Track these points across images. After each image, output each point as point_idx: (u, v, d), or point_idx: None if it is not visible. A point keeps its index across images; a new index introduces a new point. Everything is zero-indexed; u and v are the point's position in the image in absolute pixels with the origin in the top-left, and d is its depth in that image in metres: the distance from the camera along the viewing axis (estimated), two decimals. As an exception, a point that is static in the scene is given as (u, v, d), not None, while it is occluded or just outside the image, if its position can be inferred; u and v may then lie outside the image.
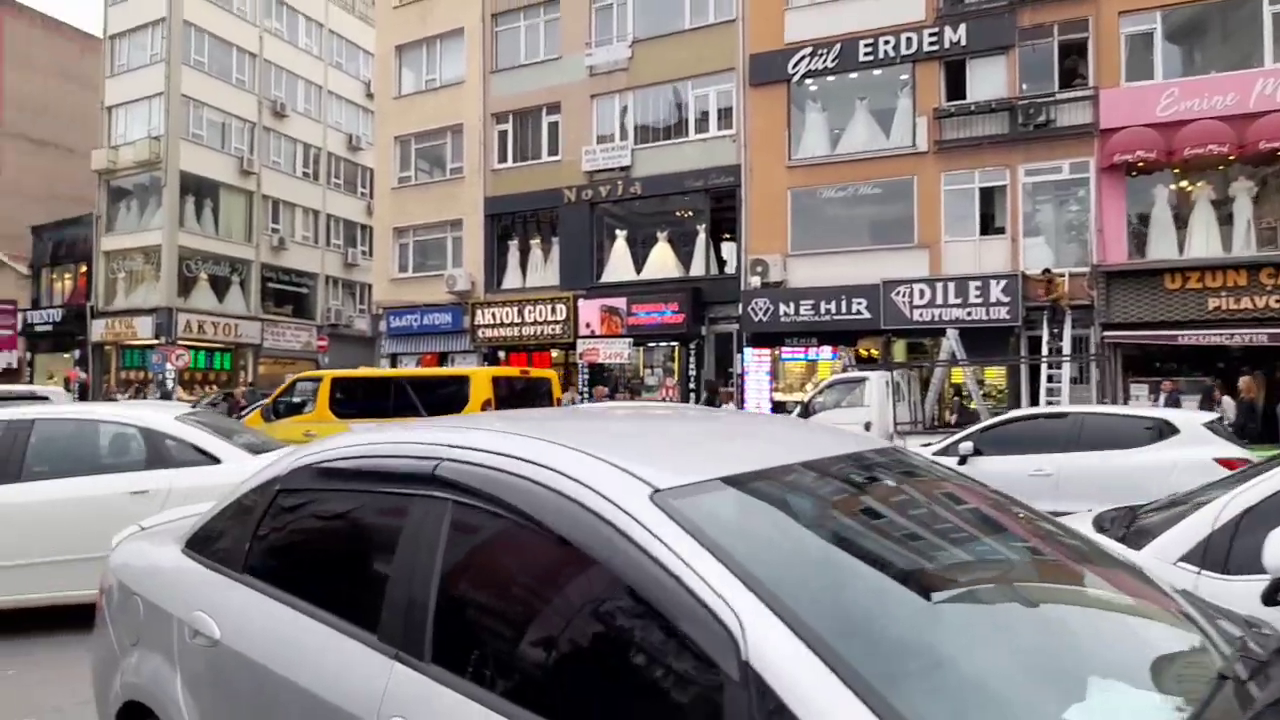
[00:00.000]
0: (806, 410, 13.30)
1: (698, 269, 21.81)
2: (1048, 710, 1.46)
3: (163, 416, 6.54)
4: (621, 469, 1.84)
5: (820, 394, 13.28)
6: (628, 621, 1.69)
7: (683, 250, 22.33)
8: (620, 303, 21.97)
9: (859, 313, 18.93)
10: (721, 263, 21.87)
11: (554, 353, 23.97)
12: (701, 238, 21.78)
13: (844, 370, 17.63)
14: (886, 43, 19.20)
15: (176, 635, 2.57)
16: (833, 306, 19.15)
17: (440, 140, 25.96)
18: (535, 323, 23.15)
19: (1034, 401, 16.51)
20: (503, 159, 24.71)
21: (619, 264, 22.89)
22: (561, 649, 1.78)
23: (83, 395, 32.90)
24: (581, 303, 22.54)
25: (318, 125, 40.36)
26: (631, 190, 22.30)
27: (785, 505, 1.97)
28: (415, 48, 26.59)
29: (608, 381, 22.65)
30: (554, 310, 22.88)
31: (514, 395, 13.13)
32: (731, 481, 1.89)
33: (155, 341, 32.20)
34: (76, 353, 34.59)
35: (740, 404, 19.73)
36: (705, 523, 1.68)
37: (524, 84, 24.23)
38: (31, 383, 35.80)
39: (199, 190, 34.16)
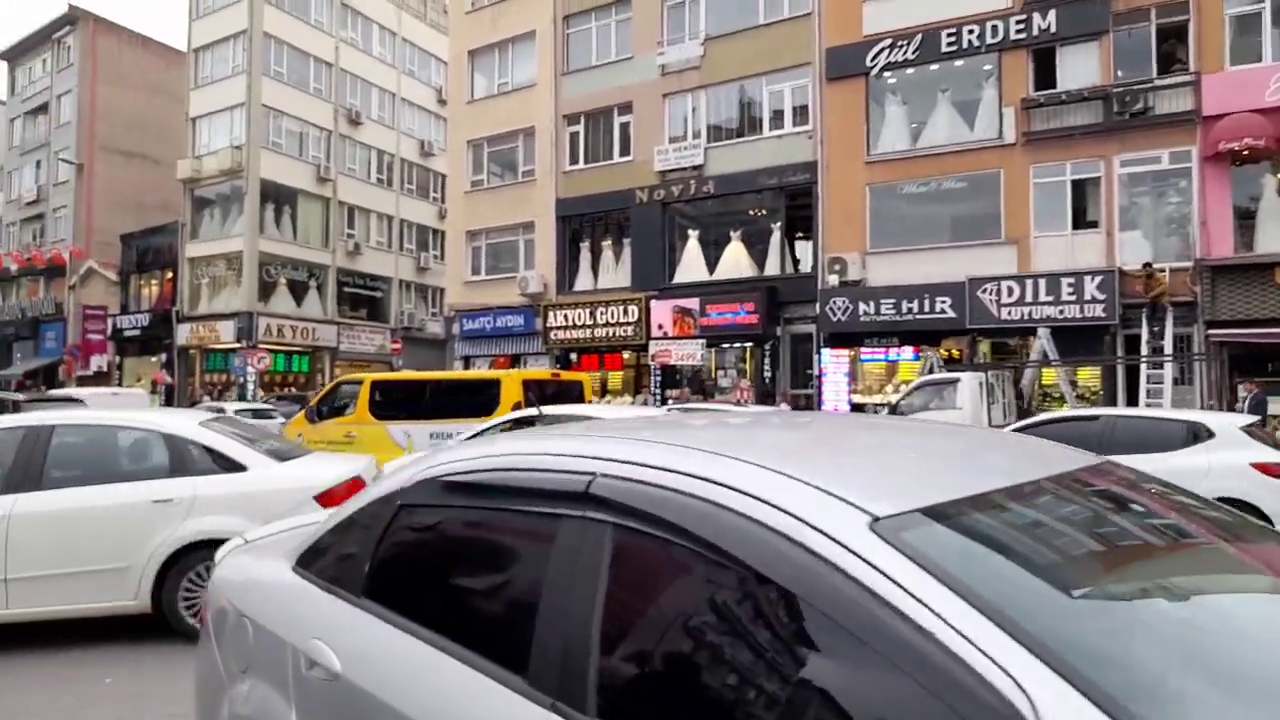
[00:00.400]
0: (894, 413, 12.80)
1: (772, 268, 21.38)
2: None
3: (186, 422, 6.31)
4: (825, 491, 1.52)
5: (909, 396, 12.75)
6: (848, 680, 1.35)
7: (756, 249, 21.93)
8: (693, 303, 21.67)
9: (942, 312, 18.27)
10: (796, 262, 21.41)
11: (625, 354, 23.81)
12: (776, 236, 21.36)
13: (931, 371, 17.00)
14: (971, 32, 18.51)
15: (291, 665, 2.30)
16: (915, 305, 18.53)
17: (512, 143, 26.05)
18: (607, 324, 23.00)
19: (1132, 403, 15.67)
20: (574, 161, 24.65)
21: (691, 264, 22.60)
22: (757, 711, 1.45)
23: (168, 398, 34.07)
24: (654, 304, 22.31)
25: (391, 132, 41.06)
26: (704, 189, 21.99)
27: (1029, 538, 1.62)
28: (487, 52, 26.75)
29: (679, 383, 22.42)
30: (626, 311, 22.70)
31: (545, 399, 12.85)
32: (958, 508, 1.55)
33: (237, 345, 33.11)
34: (163, 356, 35.85)
35: (818, 405, 19.25)
36: (948, 562, 1.35)
37: (595, 85, 24.14)
38: (120, 385, 37.27)
39: (278, 197, 35.02)
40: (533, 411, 8.89)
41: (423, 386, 14.28)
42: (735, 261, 22.02)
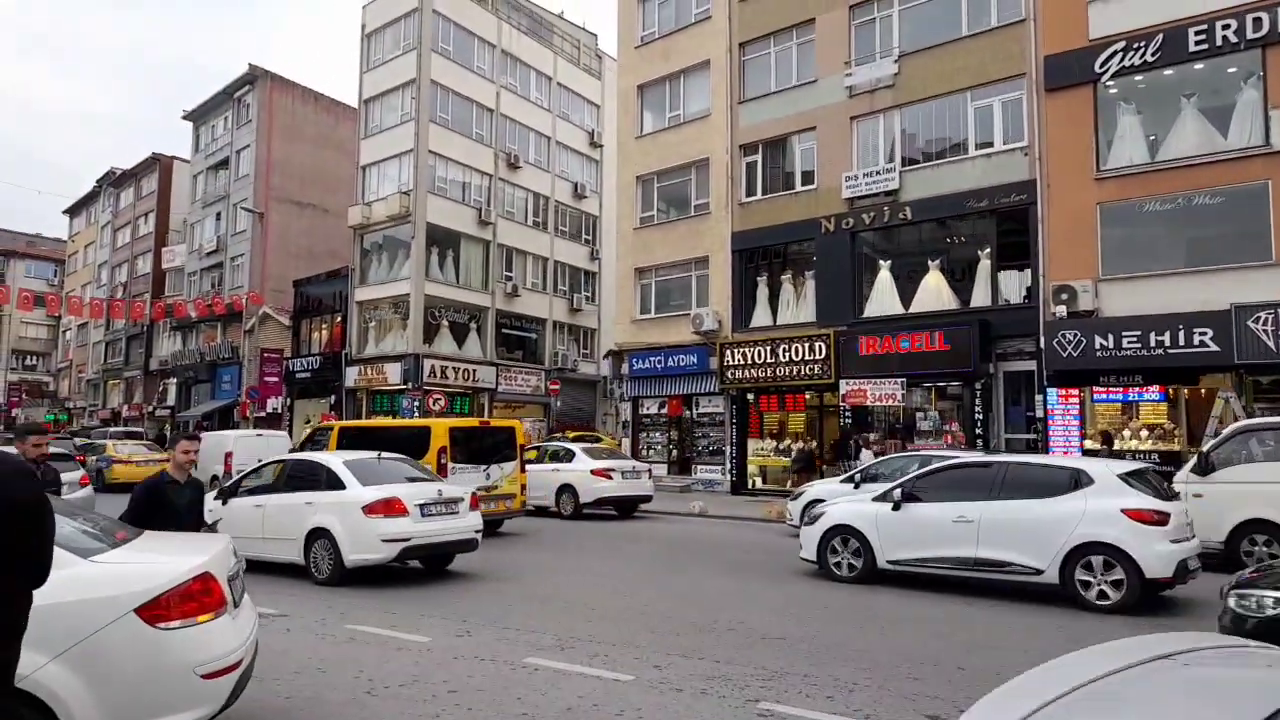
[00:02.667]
0: (1205, 464, 10.63)
1: (980, 299, 19.40)
2: None
3: (335, 459, 10.67)
4: None
5: (1224, 444, 10.60)
6: None
7: (957, 279, 20.03)
8: (888, 339, 19.92)
9: (1202, 345, 15.81)
10: (997, 290, 19.32)
11: (807, 395, 22.20)
12: (984, 264, 19.39)
13: (1233, 415, 14.49)
14: (1226, 27, 16.25)
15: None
16: (1165, 338, 16.15)
17: (684, 177, 25.18)
18: (790, 362, 21.50)
19: None
20: (751, 192, 23.51)
21: (883, 296, 20.89)
22: None
23: (337, 437, 34.66)
24: (843, 340, 20.67)
25: (546, 175, 41.35)
26: (900, 216, 20.33)
27: None
28: (657, 85, 26.14)
29: (869, 425, 20.62)
30: (812, 348, 21.15)
31: (474, 446, 14.78)
32: None
33: (404, 387, 33.46)
34: (332, 398, 36.71)
35: (1045, 451, 17.02)
36: None
37: (774, 111, 23.01)
38: (291, 426, 38.39)
39: (442, 241, 35.54)
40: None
41: (374, 432, 16.18)
42: (935, 293, 20.17)
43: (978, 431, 18.78)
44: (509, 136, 39.14)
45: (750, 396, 23.06)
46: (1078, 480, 8.74)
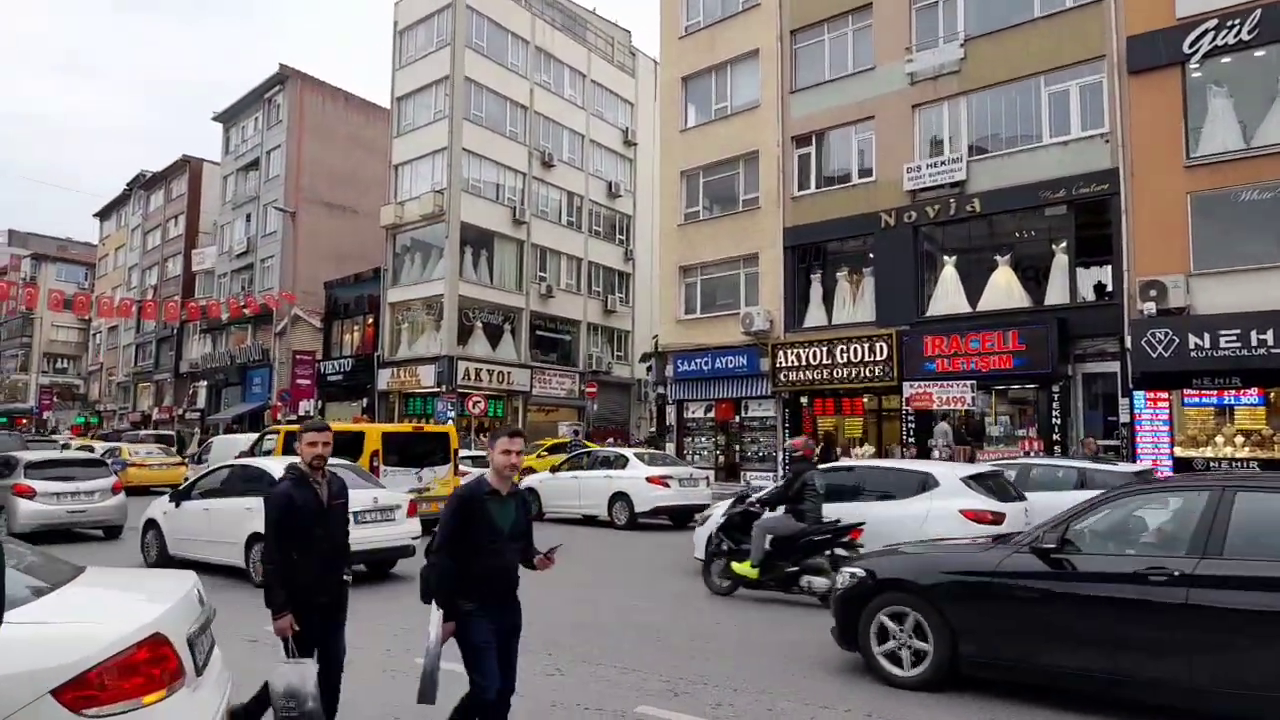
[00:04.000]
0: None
1: (1056, 296, 18.25)
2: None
3: (275, 464, 10.15)
4: None
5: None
6: None
7: (1029, 275, 18.90)
8: (955, 339, 18.81)
9: (1311, 344, 14.60)
10: (1075, 287, 18.16)
11: (866, 398, 21.13)
12: (1060, 259, 18.25)
13: None
14: (1332, 0, 15.06)
15: None
16: (1269, 337, 14.94)
17: (731, 171, 24.19)
18: (849, 363, 20.44)
19: None
20: (804, 185, 22.47)
21: (949, 293, 19.79)
22: None
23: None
24: (906, 340, 19.58)
25: (580, 174, 40.52)
26: (967, 209, 19.22)
27: None
28: (703, 77, 25.17)
29: (931, 429, 19.48)
30: (872, 349, 20.08)
31: (406, 449, 15.59)
32: None
33: (438, 390, 32.70)
34: (364, 401, 36.03)
35: (1133, 459, 15.85)
36: None
37: (829, 101, 21.98)
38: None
39: (476, 241, 34.77)
40: None
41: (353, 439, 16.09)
42: (1005, 290, 19.04)
43: (1055, 437, 17.62)
44: (543, 134, 38.35)
45: (804, 400, 22.01)
46: (925, 484, 9.51)
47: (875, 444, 20.84)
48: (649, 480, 16.24)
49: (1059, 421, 17.70)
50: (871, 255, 21.16)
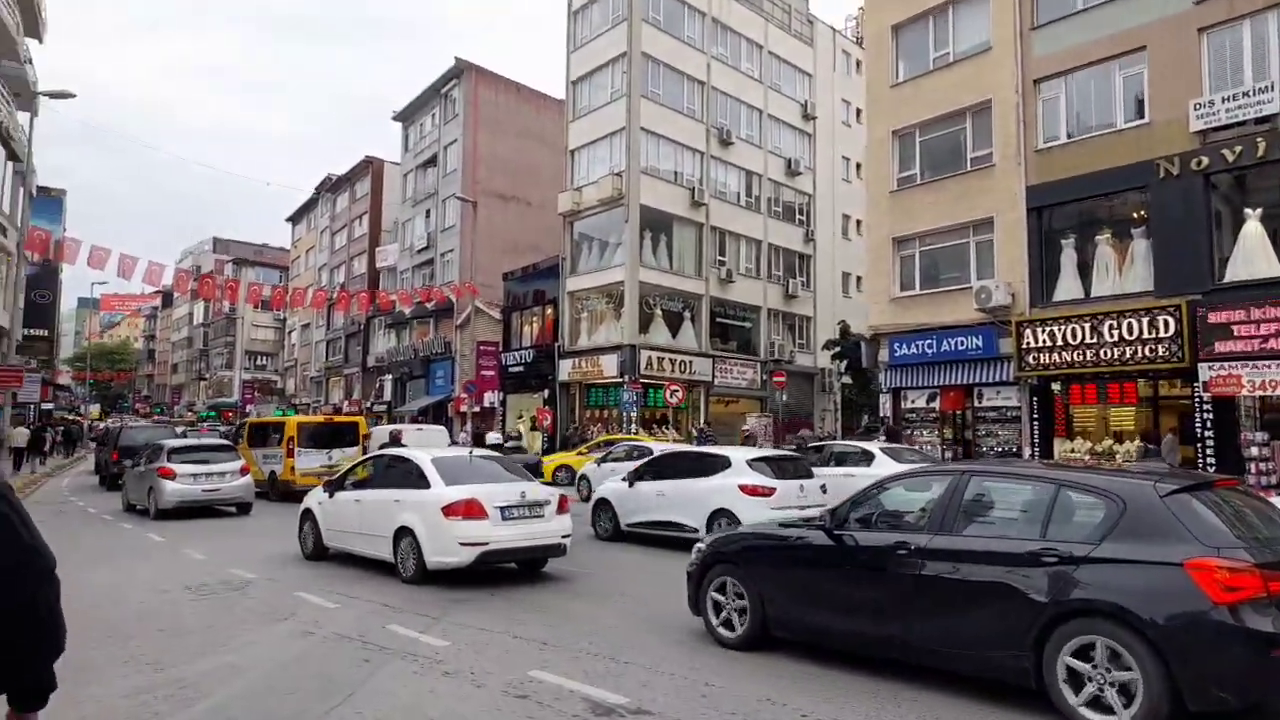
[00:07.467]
0: None
1: None
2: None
3: (425, 456, 10.28)
4: None
5: None
6: None
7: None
8: (1269, 309, 15.23)
9: None
10: None
11: (1139, 383, 17.75)
12: None
13: None
14: None
15: None
16: None
17: (955, 126, 21.22)
18: (1120, 342, 17.15)
19: None
20: (1051, 136, 19.26)
21: (1253, 256, 16.14)
22: None
23: (551, 436, 33.15)
24: (1199, 313, 16.12)
25: (758, 151, 38.21)
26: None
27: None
28: (918, 23, 22.28)
29: (1236, 423, 15.95)
30: (1152, 324, 16.72)
31: (318, 434, 20.68)
32: None
33: (619, 379, 31.38)
34: (544, 392, 35.30)
35: None
36: None
37: (1081, 34, 18.67)
38: (504, 421, 37.38)
39: (654, 225, 33.21)
40: None
41: (266, 427, 22.99)
42: (1334, 247, 15.27)
43: None
44: (720, 111, 36.31)
45: (1056, 386, 18.86)
46: (726, 465, 11.83)
47: (1149, 438, 17.45)
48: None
49: None
50: (1143, 213, 17.74)
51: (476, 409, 36.17)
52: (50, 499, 21.18)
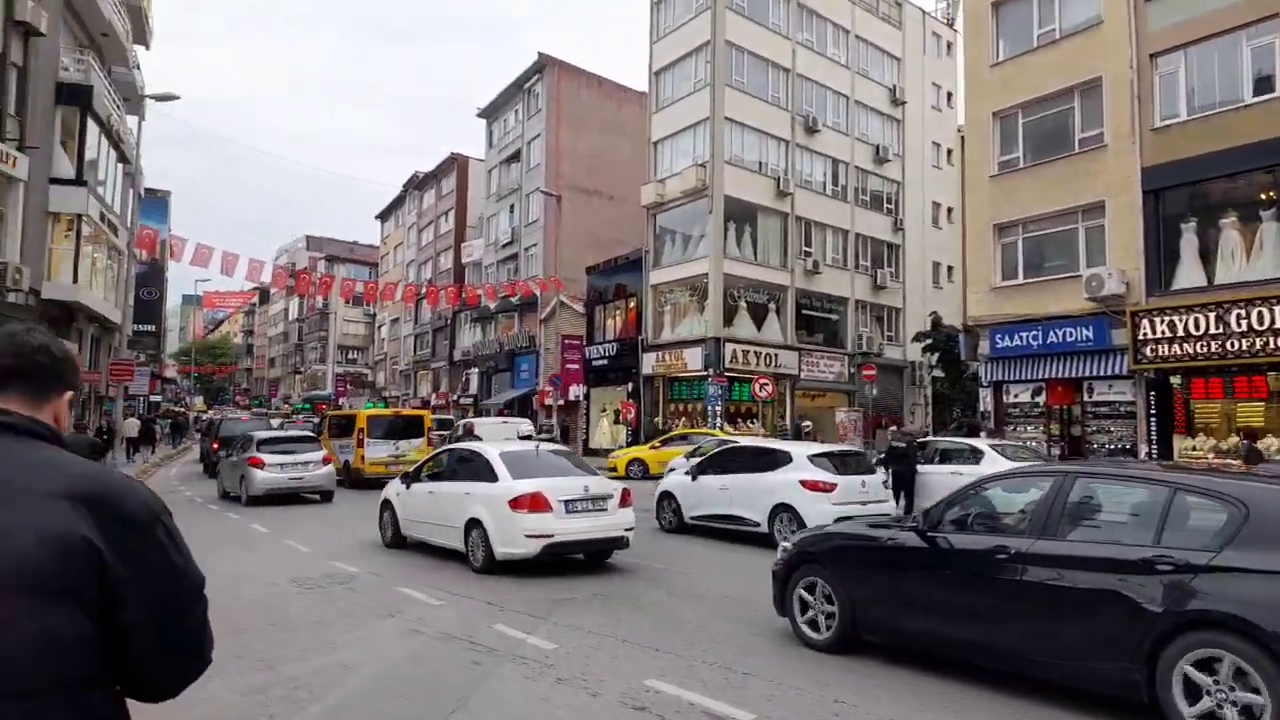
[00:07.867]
0: None
1: None
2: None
3: (493, 450, 10.55)
4: None
5: None
6: None
7: None
8: None
9: None
10: None
11: (1270, 376, 16.54)
12: None
13: None
14: None
15: None
16: None
17: (1062, 106, 20.14)
18: (1249, 332, 16.00)
19: None
20: (1169, 114, 18.09)
21: (1403, 238, 14.82)
22: None
23: (635, 429, 33.04)
24: (1339, 300, 14.90)
25: (845, 139, 37.25)
26: None
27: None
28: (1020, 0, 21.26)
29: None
30: (1285, 313, 15.53)
31: (388, 426, 22.04)
32: None
33: (704, 373, 31.06)
34: (629, 385, 35.22)
35: None
36: None
37: (1204, 3, 17.44)
38: (588, 414, 37.47)
39: (738, 216, 32.72)
40: None
41: (344, 419, 24.37)
42: None
43: None
44: (805, 98, 35.52)
45: (1176, 380, 17.75)
46: (787, 460, 11.91)
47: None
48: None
49: None
50: (1272, 194, 16.49)
51: (561, 402, 36.34)
52: (160, 487, 22.09)
